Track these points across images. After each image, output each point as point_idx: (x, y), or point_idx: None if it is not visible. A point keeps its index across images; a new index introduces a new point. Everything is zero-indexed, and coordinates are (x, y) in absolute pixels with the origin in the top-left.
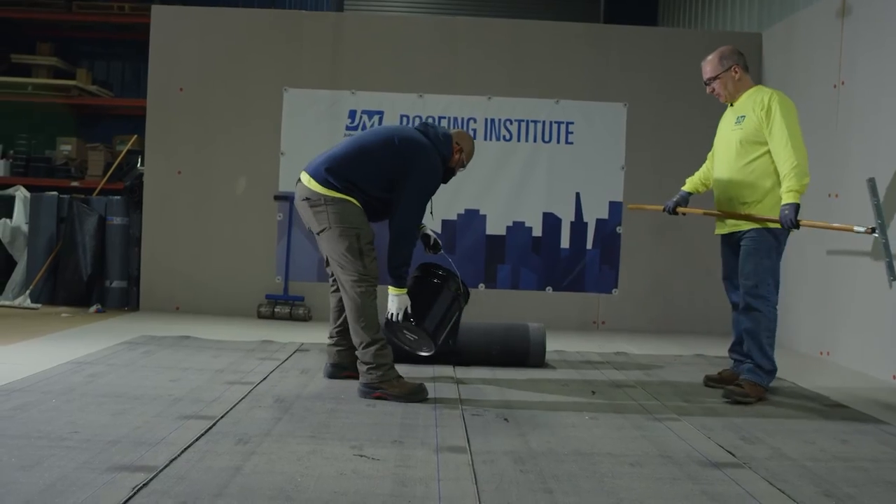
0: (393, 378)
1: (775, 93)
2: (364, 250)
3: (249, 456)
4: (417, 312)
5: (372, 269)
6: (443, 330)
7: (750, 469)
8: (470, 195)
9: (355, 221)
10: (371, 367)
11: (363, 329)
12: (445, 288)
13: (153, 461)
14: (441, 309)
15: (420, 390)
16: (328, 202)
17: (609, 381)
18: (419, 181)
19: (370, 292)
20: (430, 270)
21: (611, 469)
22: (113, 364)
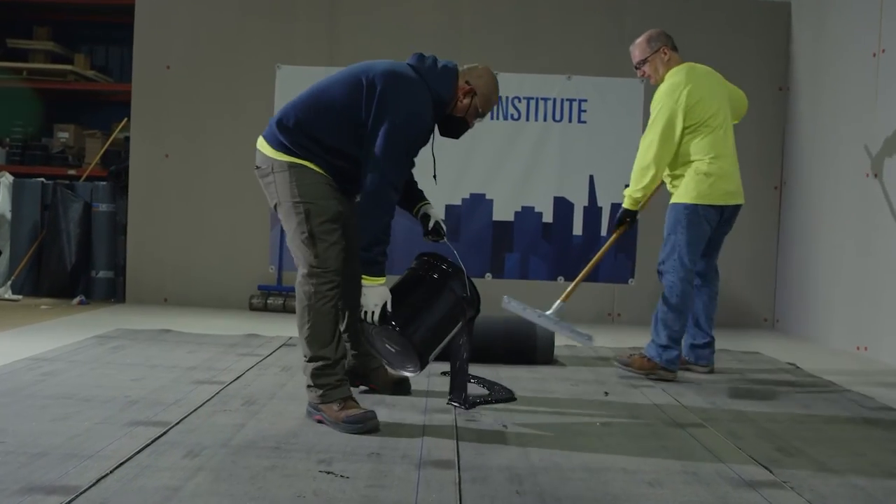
0: (335, 400)
1: (661, 87)
2: (316, 233)
3: (195, 473)
4: (402, 315)
5: (328, 260)
6: (435, 344)
7: (792, 490)
8: (475, 178)
9: (308, 193)
10: (309, 385)
11: (306, 340)
12: (447, 288)
13: (77, 480)
14: (436, 315)
15: (363, 420)
16: (276, 169)
17: (624, 380)
18: (396, 126)
19: (323, 292)
20: (428, 262)
21: (625, 489)
22: (74, 361)
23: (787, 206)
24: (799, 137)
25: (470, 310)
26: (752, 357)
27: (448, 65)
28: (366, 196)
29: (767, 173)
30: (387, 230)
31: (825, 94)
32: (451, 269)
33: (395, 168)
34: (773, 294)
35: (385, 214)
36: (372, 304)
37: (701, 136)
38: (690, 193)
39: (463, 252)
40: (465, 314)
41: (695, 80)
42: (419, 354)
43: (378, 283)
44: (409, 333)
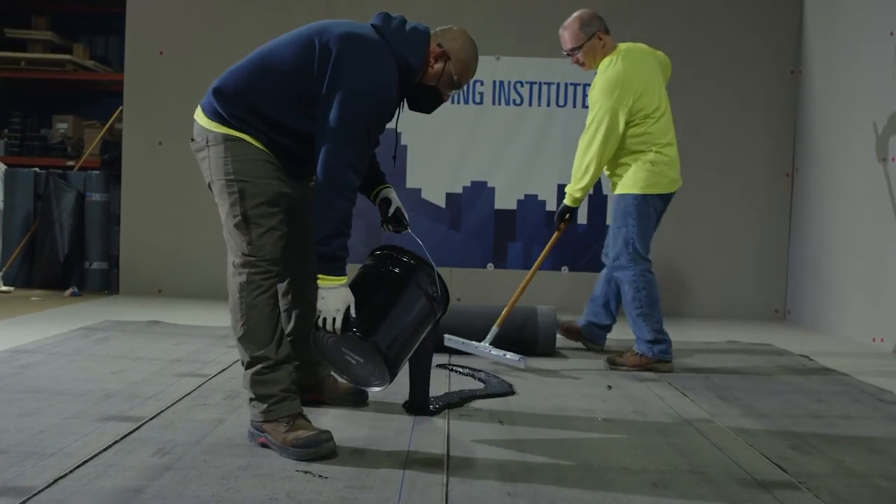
0: (281, 418)
1: (600, 80)
2: (250, 216)
3: (161, 473)
4: (366, 320)
5: (263, 248)
6: (405, 353)
7: (808, 491)
8: (477, 166)
9: (243, 170)
10: (251, 399)
11: (241, 340)
12: (414, 285)
13: (32, 480)
14: (406, 318)
15: (314, 443)
16: (211, 142)
17: (630, 374)
18: (354, 96)
19: (257, 283)
20: (391, 256)
21: (627, 490)
22: (55, 353)
23: (800, 193)
24: (812, 122)
25: (439, 310)
26: (763, 349)
27: (419, 27)
28: (320, 180)
29: (778, 160)
30: (346, 220)
31: (839, 77)
32: (416, 264)
33: (353, 146)
34: (785, 285)
35: (343, 200)
36: (332, 308)
37: (645, 126)
38: (638, 184)
39: (464, 241)
40: (435, 315)
41: (634, 73)
42: (389, 366)
43: (338, 283)
44: (377, 342)
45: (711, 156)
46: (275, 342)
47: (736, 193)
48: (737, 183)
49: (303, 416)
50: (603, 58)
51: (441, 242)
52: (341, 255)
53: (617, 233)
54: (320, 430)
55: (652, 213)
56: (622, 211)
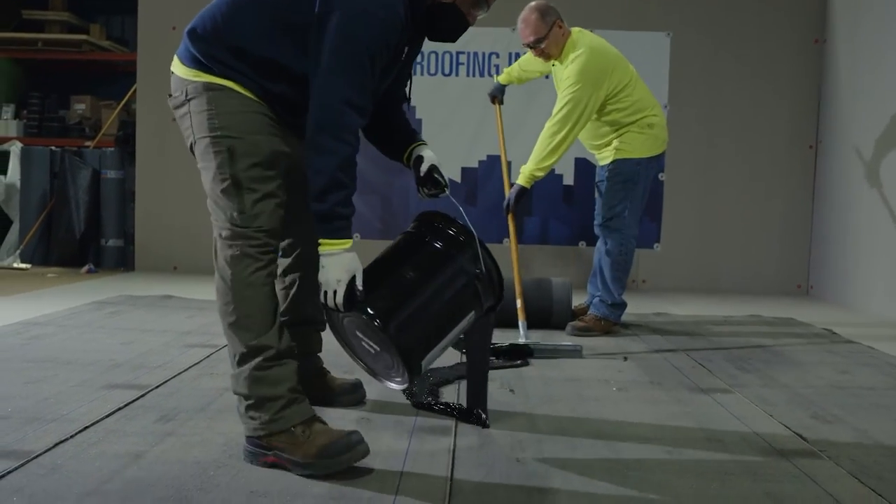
0: (293, 427)
1: (574, 65)
2: (242, 179)
3: (163, 438)
4: (381, 299)
5: (258, 218)
6: (431, 345)
7: (829, 459)
8: (492, 140)
9: (231, 125)
10: (249, 406)
11: (232, 328)
12: (452, 262)
13: (32, 445)
14: (434, 302)
15: (347, 447)
16: (191, 94)
17: (646, 345)
18: (351, 18)
19: (253, 258)
20: (428, 224)
21: (639, 457)
22: (65, 325)
23: (823, 166)
24: (836, 93)
25: (487, 296)
26: (785, 322)
27: None
28: (311, 121)
29: (801, 132)
30: (346, 168)
31: (864, 46)
32: (459, 236)
33: (352, 77)
34: (808, 259)
35: (340, 144)
36: (333, 278)
37: (631, 96)
38: (640, 148)
39: (480, 216)
40: (480, 302)
41: (603, 53)
42: (406, 360)
43: (341, 247)
44: (391, 328)
45: (733, 128)
46: (276, 329)
47: (758, 166)
48: (759, 155)
49: (317, 417)
50: (563, 45)
51: (456, 217)
52: (342, 213)
53: (614, 196)
54: (346, 432)
55: (650, 176)
56: (624, 177)
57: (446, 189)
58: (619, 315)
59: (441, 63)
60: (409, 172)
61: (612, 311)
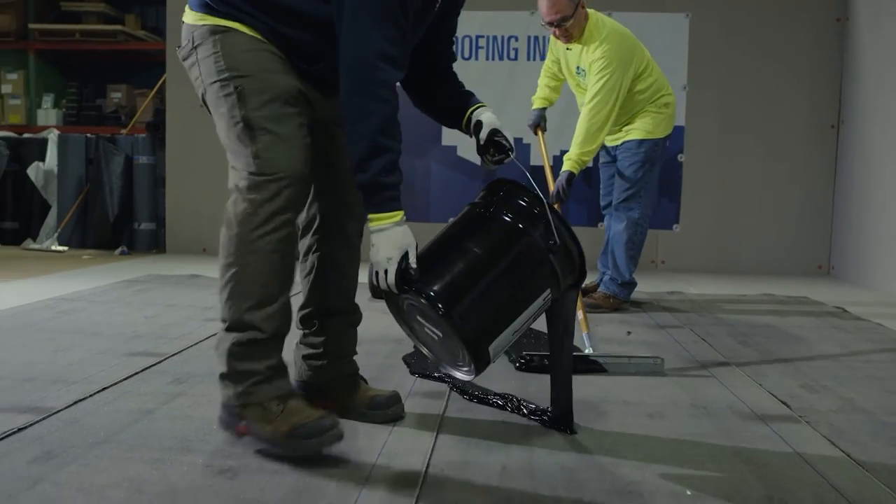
0: (267, 401)
1: (604, 48)
2: (254, 120)
3: (174, 398)
4: (441, 280)
5: (275, 162)
6: (499, 330)
7: (807, 424)
8: (512, 123)
9: (239, 64)
10: (224, 375)
11: (229, 293)
12: (523, 236)
13: (54, 402)
14: (505, 282)
15: (319, 430)
16: (197, 41)
17: (652, 321)
18: None
19: (265, 218)
20: (496, 192)
21: (621, 422)
22: (95, 301)
23: (845, 146)
24: (858, 72)
25: (566, 271)
26: (798, 301)
27: None
28: (343, 82)
29: (823, 111)
30: (387, 129)
31: (888, 24)
32: (530, 204)
33: (384, 26)
34: (829, 240)
35: (379, 104)
36: (384, 256)
37: (651, 76)
38: (659, 127)
39: None
40: (557, 279)
41: (626, 35)
42: (471, 348)
43: (390, 220)
44: (453, 311)
45: (753, 108)
46: (277, 307)
47: (779, 146)
48: (780, 135)
49: (294, 393)
50: (584, 27)
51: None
52: (388, 182)
53: (633, 175)
54: (321, 414)
55: (663, 155)
56: (642, 156)
57: (511, 153)
58: (628, 294)
59: (460, 47)
60: (431, 154)
61: (621, 290)
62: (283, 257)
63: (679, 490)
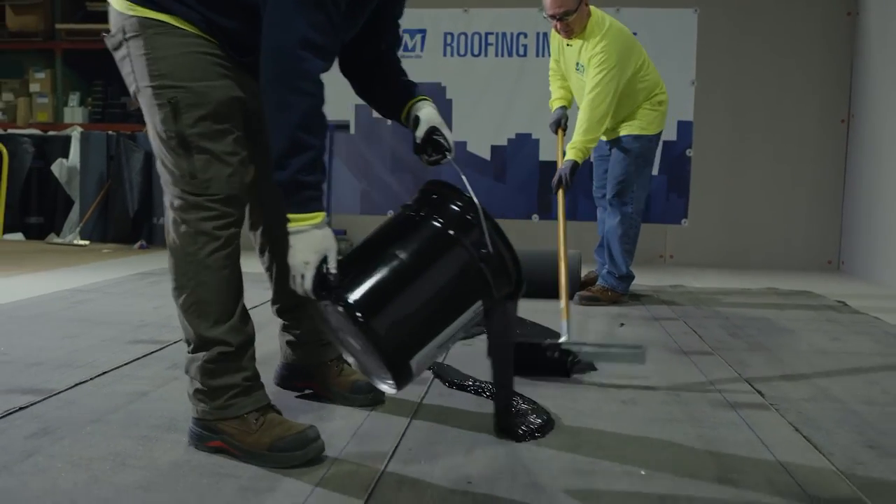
0: (245, 414)
1: (604, 44)
2: (189, 137)
3: (169, 381)
4: (359, 286)
5: (212, 184)
6: (422, 343)
7: (776, 411)
8: (521, 118)
9: (174, 71)
10: (199, 391)
11: (186, 314)
12: (451, 241)
13: (57, 385)
14: (427, 290)
15: (301, 443)
16: (128, 33)
17: (648, 313)
18: None
19: (209, 236)
20: (430, 198)
21: (594, 407)
22: (109, 292)
23: (855, 140)
24: (869, 66)
25: (500, 281)
26: (800, 295)
27: None
28: (263, 70)
29: (833, 106)
30: (309, 126)
31: None
32: (465, 211)
33: (310, 12)
34: (839, 235)
35: (300, 97)
36: (300, 261)
37: (649, 74)
38: (654, 124)
39: (509, 193)
40: (490, 289)
41: (625, 30)
42: (389, 361)
43: (308, 222)
44: (370, 321)
45: (763, 102)
46: (236, 318)
47: (788, 141)
48: (789, 130)
49: (273, 407)
50: (586, 23)
51: (486, 194)
52: (307, 181)
53: (627, 170)
54: (303, 426)
55: (656, 152)
56: (638, 152)
57: (448, 154)
58: (626, 286)
59: (470, 44)
60: None
61: (619, 283)
62: (233, 271)
63: (634, 470)
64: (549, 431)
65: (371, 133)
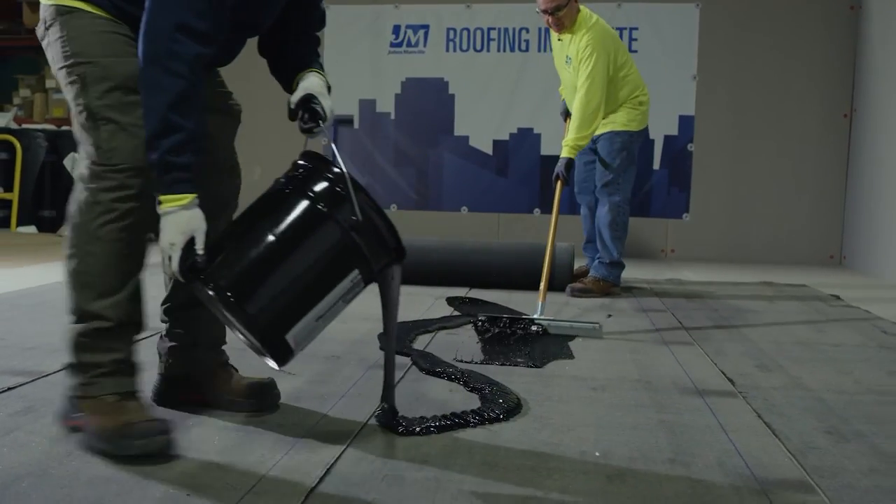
0: (105, 394)
1: (589, 36)
2: (96, 109)
3: (155, 365)
4: (227, 265)
5: (116, 153)
6: (295, 319)
7: (743, 399)
8: (523, 113)
9: (83, 49)
10: (70, 364)
11: (71, 281)
12: (321, 215)
13: (48, 368)
14: (298, 265)
15: (145, 434)
16: (48, 21)
17: (638, 305)
18: None
19: (105, 205)
20: (298, 169)
21: (563, 393)
22: None
23: (858, 135)
24: (871, 61)
25: (375, 249)
26: (795, 289)
27: None
28: (140, 51)
29: (836, 100)
30: (181, 108)
31: None
32: (334, 183)
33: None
34: (841, 230)
35: (172, 78)
36: (167, 242)
37: (630, 74)
38: (633, 122)
39: (511, 187)
40: (365, 258)
41: (611, 31)
42: (261, 337)
43: (176, 203)
44: (241, 302)
45: (765, 97)
46: (122, 296)
47: (790, 136)
48: (791, 125)
49: (135, 394)
50: (575, 19)
51: (488, 188)
52: (178, 162)
53: (612, 163)
54: (154, 418)
55: (639, 148)
56: (618, 146)
57: (322, 122)
58: (617, 275)
59: (472, 39)
60: (443, 143)
61: (610, 272)
62: (127, 245)
63: (590, 451)
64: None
65: (374, 127)
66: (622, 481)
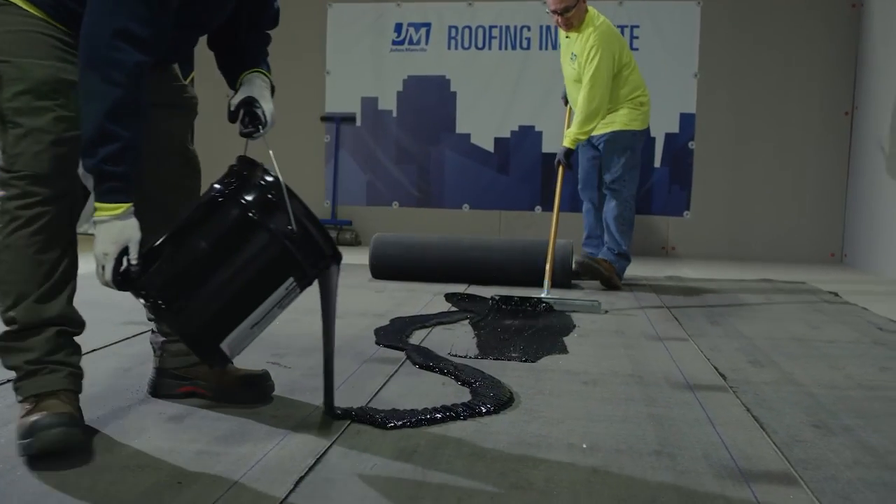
0: (31, 396)
1: (595, 35)
2: (6, 112)
3: (150, 359)
4: (161, 274)
5: (19, 160)
6: (230, 327)
7: (733, 393)
8: (524, 111)
9: (4, 46)
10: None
11: None
12: (253, 223)
13: None
14: (236, 275)
15: (31, 431)
16: None
17: (636, 301)
18: None
19: (11, 215)
20: (232, 175)
21: (554, 387)
22: None
23: (859, 133)
24: (872, 59)
25: (309, 256)
26: (793, 287)
27: None
28: (80, 58)
29: (837, 98)
30: (119, 116)
31: None
32: (267, 190)
33: (131, 4)
34: (842, 227)
35: (110, 87)
36: (101, 252)
37: (633, 74)
38: (636, 122)
39: (512, 185)
40: (299, 265)
41: (616, 32)
42: (197, 347)
43: (110, 213)
44: (173, 311)
45: (766, 94)
46: (32, 299)
47: (792, 133)
48: (792, 122)
49: (56, 394)
50: (583, 19)
51: (489, 186)
52: (113, 171)
53: (615, 161)
54: (56, 413)
55: (641, 146)
56: (623, 145)
57: (262, 128)
58: (623, 267)
59: (474, 37)
60: (445, 141)
61: (618, 261)
62: (40, 250)
63: (577, 444)
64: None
65: (377, 125)
66: (607, 472)
